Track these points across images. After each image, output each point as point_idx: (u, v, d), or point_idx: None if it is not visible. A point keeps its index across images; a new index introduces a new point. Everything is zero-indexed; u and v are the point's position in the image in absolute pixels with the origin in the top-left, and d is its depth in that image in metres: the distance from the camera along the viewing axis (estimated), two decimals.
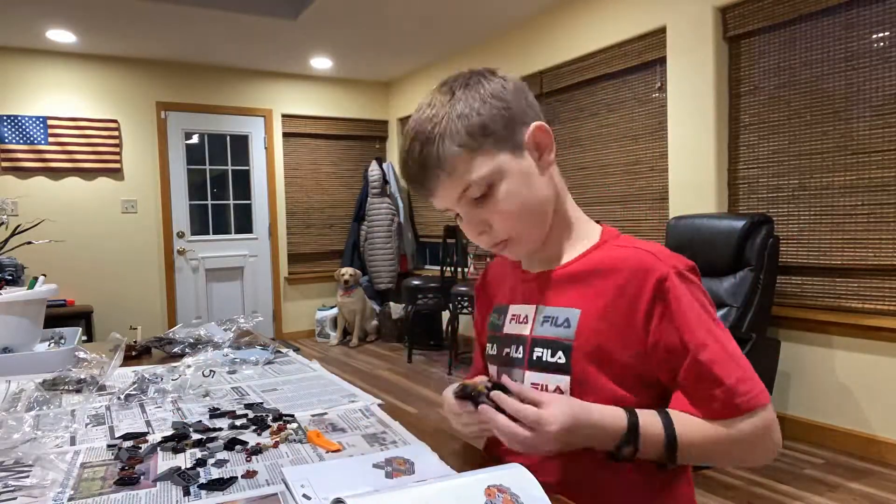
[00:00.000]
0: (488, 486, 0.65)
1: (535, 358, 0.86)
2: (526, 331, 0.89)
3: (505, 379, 0.82)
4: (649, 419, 0.78)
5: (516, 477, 0.68)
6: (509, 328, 0.93)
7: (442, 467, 0.82)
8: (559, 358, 0.84)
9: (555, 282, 0.89)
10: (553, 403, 0.75)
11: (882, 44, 2.69)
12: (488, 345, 0.97)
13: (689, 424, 0.78)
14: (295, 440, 0.93)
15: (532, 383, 0.86)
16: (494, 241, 0.87)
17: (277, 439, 0.92)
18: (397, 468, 0.81)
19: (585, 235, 0.90)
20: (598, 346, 0.82)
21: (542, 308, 0.88)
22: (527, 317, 0.90)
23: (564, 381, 0.83)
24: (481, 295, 1.07)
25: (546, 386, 0.84)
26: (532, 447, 0.75)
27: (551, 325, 0.86)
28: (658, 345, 0.80)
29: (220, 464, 0.84)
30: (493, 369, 0.96)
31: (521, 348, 0.89)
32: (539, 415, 0.74)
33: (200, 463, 0.84)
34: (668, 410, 0.80)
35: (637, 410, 0.78)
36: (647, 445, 0.77)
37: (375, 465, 0.82)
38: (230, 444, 0.91)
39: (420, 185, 0.85)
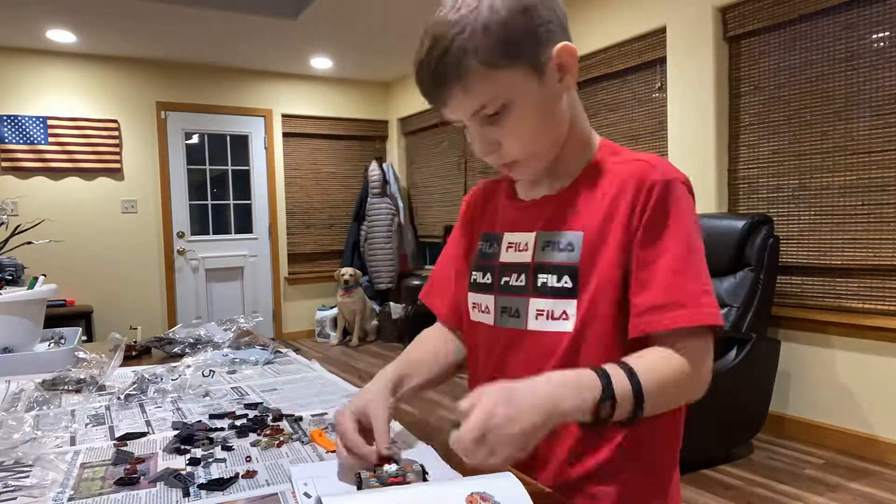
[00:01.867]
0: (471, 493, 0.63)
1: (539, 284, 0.84)
2: (527, 258, 0.86)
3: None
4: (613, 371, 0.72)
5: (504, 486, 0.65)
6: (507, 256, 0.89)
7: (449, 472, 0.80)
8: (566, 282, 0.81)
9: (555, 206, 0.86)
10: (478, 396, 0.67)
11: (882, 44, 2.69)
12: (478, 273, 0.93)
13: (647, 367, 0.73)
14: (296, 440, 0.93)
15: (538, 310, 0.84)
16: (502, 162, 0.84)
17: (282, 438, 0.93)
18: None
19: (587, 153, 0.88)
20: (603, 266, 0.80)
21: (542, 234, 0.86)
22: (527, 244, 0.87)
23: (571, 305, 0.81)
24: (465, 222, 1.02)
25: (553, 312, 0.82)
26: (486, 442, 0.65)
27: (553, 249, 0.84)
28: (634, 249, 0.79)
29: (220, 464, 0.84)
30: (481, 297, 0.92)
31: (522, 276, 0.86)
32: (468, 417, 0.65)
33: (200, 463, 0.84)
34: (625, 361, 0.74)
35: (603, 367, 0.73)
36: (621, 400, 0.70)
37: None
38: (229, 445, 0.91)
39: (432, 95, 0.80)
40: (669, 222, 0.77)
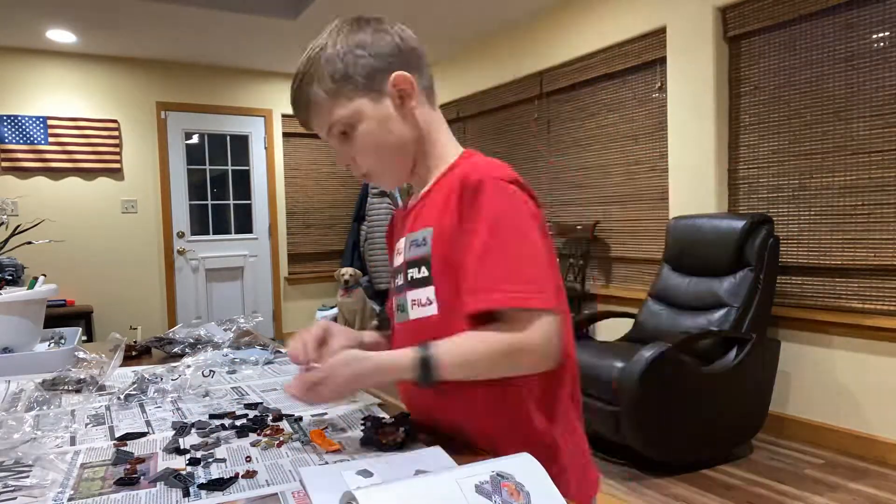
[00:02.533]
0: (493, 473, 0.65)
1: (410, 279, 0.95)
2: (402, 259, 0.98)
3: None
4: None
5: (522, 465, 0.67)
6: (395, 261, 1.02)
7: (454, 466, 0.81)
8: (423, 272, 0.93)
9: (417, 210, 0.98)
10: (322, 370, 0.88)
11: (882, 44, 2.69)
12: (391, 280, 1.07)
13: (451, 342, 0.85)
14: (296, 440, 0.93)
15: (412, 300, 0.95)
16: (359, 174, 0.99)
17: (282, 438, 0.93)
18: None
19: (447, 163, 0.98)
20: (443, 255, 0.90)
21: (409, 235, 0.97)
22: (401, 248, 0.99)
23: (430, 290, 0.92)
24: (389, 242, 1.14)
25: (421, 300, 0.93)
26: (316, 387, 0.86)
27: (415, 246, 0.95)
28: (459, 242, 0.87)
29: (220, 464, 0.84)
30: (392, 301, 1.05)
31: (401, 275, 0.98)
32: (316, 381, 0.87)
33: (200, 463, 0.84)
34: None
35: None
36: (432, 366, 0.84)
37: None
38: (230, 444, 0.91)
39: (297, 117, 0.99)
40: (481, 214, 0.85)
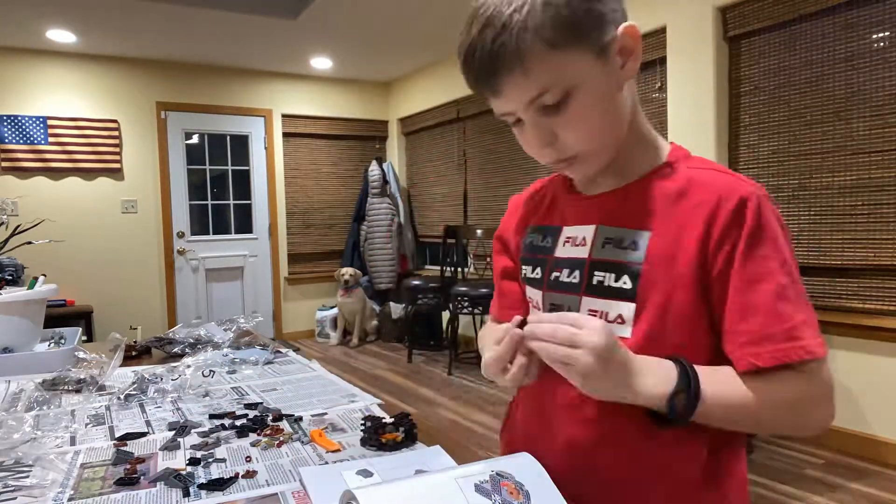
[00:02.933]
0: (492, 473, 0.65)
1: (594, 283, 0.77)
2: (584, 253, 0.80)
3: (532, 317, 0.73)
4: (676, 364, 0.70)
5: (522, 465, 0.67)
6: (562, 251, 0.83)
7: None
8: (624, 283, 0.75)
9: (618, 203, 0.79)
10: (592, 322, 0.67)
11: (882, 44, 2.69)
12: (527, 267, 0.88)
13: (718, 377, 0.70)
14: (296, 440, 0.93)
15: (590, 310, 0.77)
16: (560, 157, 0.76)
17: (282, 438, 0.93)
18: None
19: (654, 153, 0.80)
20: (668, 272, 0.73)
21: (603, 228, 0.79)
22: (584, 238, 0.80)
23: (629, 308, 0.74)
24: (515, 214, 0.95)
25: (607, 314, 0.76)
26: (572, 362, 0.66)
27: (615, 246, 0.77)
28: (722, 273, 0.71)
29: (220, 464, 0.84)
30: (533, 292, 0.87)
31: (576, 272, 0.80)
32: (575, 332, 0.66)
33: (200, 463, 0.84)
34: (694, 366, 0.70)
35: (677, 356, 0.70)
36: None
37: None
38: (230, 444, 0.91)
39: (485, 82, 0.72)
40: (767, 244, 0.70)
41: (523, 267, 0.89)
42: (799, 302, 0.70)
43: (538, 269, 0.86)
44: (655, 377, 0.68)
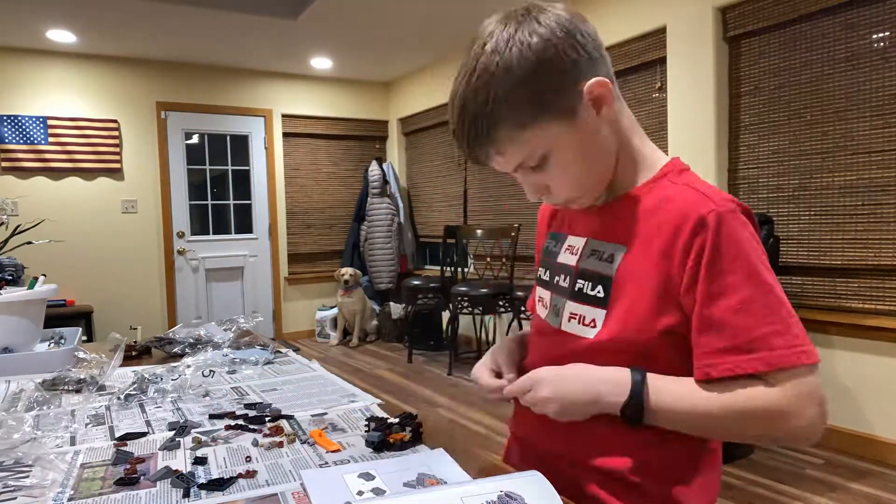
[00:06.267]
0: (500, 492, 0.64)
1: (577, 289, 0.87)
2: (574, 262, 0.89)
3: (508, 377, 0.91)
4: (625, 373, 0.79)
5: (531, 484, 0.66)
6: (562, 258, 0.93)
7: (461, 475, 0.79)
8: (598, 292, 0.83)
9: (608, 216, 0.87)
10: (539, 374, 0.82)
11: (882, 44, 2.69)
12: (541, 269, 0.99)
13: (674, 387, 0.76)
14: (296, 440, 0.93)
15: (571, 313, 0.87)
16: (554, 203, 0.88)
17: (283, 439, 0.92)
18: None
19: (648, 169, 0.86)
20: (636, 284, 0.80)
21: (591, 241, 0.88)
22: (578, 248, 0.90)
23: (601, 314, 0.83)
24: (543, 220, 1.05)
25: (584, 317, 0.85)
26: (544, 411, 0.80)
27: (597, 258, 0.86)
28: (689, 288, 0.75)
29: (220, 464, 0.84)
30: (543, 292, 0.97)
31: (567, 278, 0.90)
32: (531, 394, 0.81)
33: (200, 463, 0.84)
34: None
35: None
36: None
37: (406, 485, 0.76)
38: (229, 444, 0.91)
39: (471, 158, 0.83)
40: (726, 260, 0.73)
41: (539, 269, 1.00)
42: (766, 314, 0.72)
43: (548, 272, 0.96)
44: (616, 388, 0.77)
